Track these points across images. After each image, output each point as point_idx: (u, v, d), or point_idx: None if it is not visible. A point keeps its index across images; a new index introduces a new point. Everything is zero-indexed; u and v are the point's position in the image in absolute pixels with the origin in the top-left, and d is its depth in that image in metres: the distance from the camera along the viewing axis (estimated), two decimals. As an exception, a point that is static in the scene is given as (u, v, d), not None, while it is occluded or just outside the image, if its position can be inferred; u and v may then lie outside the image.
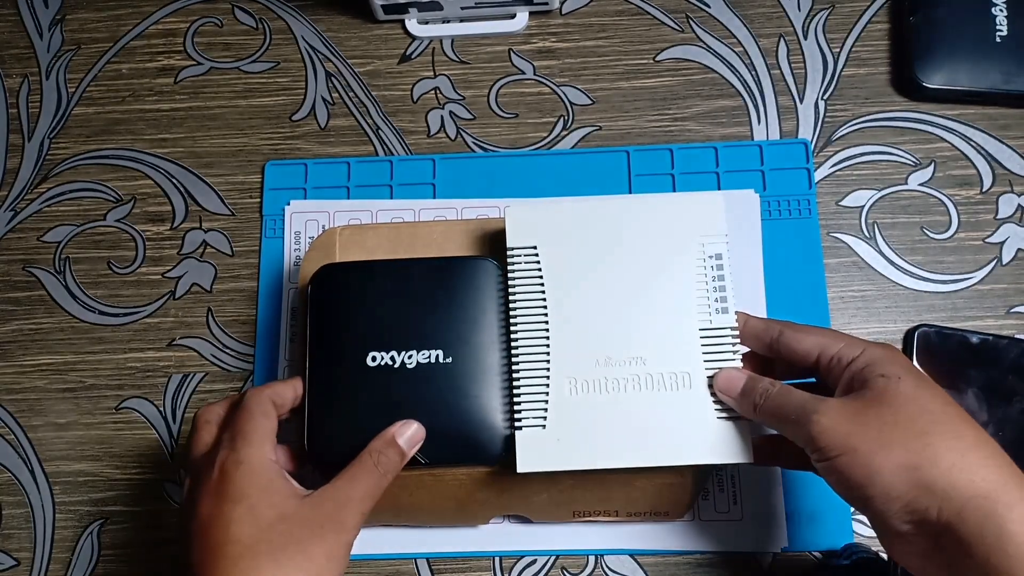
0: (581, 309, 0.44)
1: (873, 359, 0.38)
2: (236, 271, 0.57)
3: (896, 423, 0.35)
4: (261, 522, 0.38)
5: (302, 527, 0.38)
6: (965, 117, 0.57)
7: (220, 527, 0.38)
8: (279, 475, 0.40)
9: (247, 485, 0.38)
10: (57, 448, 0.54)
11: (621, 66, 0.59)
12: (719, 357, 0.43)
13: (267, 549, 0.37)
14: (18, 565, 0.52)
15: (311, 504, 0.39)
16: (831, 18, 0.59)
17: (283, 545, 0.37)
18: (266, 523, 0.38)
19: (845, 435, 0.36)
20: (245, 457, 0.39)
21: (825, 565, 0.49)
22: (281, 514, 0.38)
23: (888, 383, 0.36)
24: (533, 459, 0.43)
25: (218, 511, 0.38)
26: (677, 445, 0.42)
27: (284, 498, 0.39)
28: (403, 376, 0.44)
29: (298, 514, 0.38)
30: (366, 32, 0.61)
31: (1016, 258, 0.54)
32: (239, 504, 0.38)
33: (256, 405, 0.41)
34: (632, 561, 0.50)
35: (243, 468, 0.39)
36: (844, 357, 0.39)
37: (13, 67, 0.62)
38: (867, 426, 0.35)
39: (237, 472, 0.39)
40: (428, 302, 0.45)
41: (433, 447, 0.43)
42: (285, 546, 0.37)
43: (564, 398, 0.43)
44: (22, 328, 0.56)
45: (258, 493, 0.38)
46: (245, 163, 0.59)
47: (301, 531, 0.38)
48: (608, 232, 0.46)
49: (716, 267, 0.45)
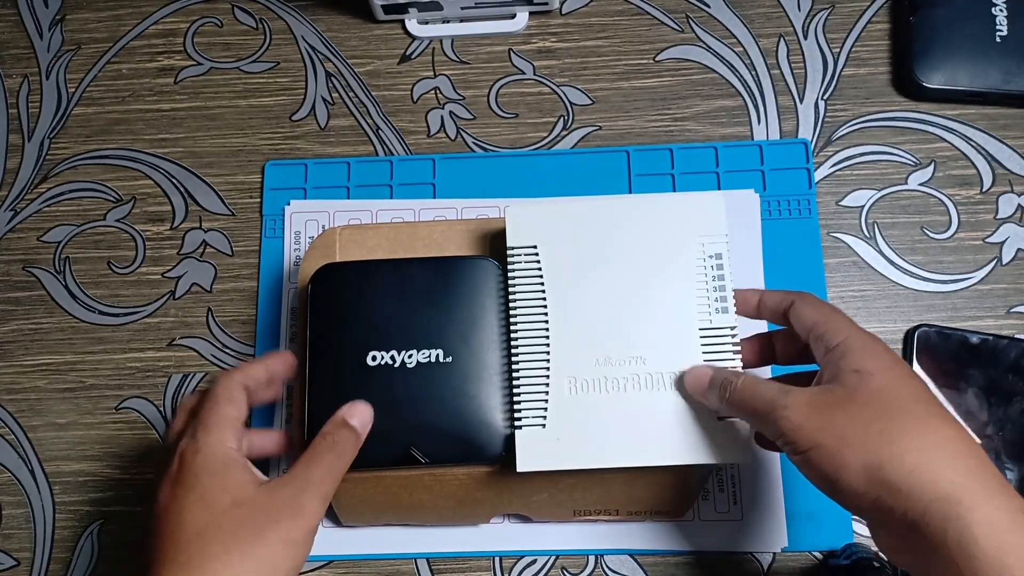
0: (581, 308, 0.44)
1: (850, 349, 0.37)
2: (236, 271, 0.57)
3: (861, 420, 0.35)
4: (214, 508, 0.37)
5: (257, 513, 0.37)
6: (965, 117, 0.57)
7: (173, 514, 0.37)
8: (236, 462, 0.39)
9: (201, 472, 0.38)
10: (57, 448, 0.54)
11: (621, 66, 0.59)
12: (719, 357, 0.43)
13: (217, 535, 0.36)
14: (18, 565, 0.52)
15: (267, 490, 0.38)
16: (831, 18, 0.59)
17: (234, 531, 0.37)
18: (219, 509, 0.37)
19: (813, 430, 0.35)
20: (202, 445, 0.39)
21: (825, 565, 0.49)
22: (235, 500, 0.38)
23: (860, 379, 0.36)
24: (533, 458, 0.43)
25: (172, 499, 0.38)
26: (676, 445, 0.42)
27: (239, 484, 0.38)
28: (403, 375, 0.44)
29: (254, 501, 0.38)
30: (366, 32, 0.61)
31: (1016, 258, 0.54)
32: (192, 491, 0.38)
33: (223, 391, 0.41)
34: (632, 561, 0.50)
35: (199, 456, 0.39)
36: (828, 341, 0.38)
37: (13, 67, 0.62)
38: (833, 422, 0.35)
39: (194, 460, 0.39)
40: (428, 302, 0.45)
41: (433, 447, 0.43)
42: (236, 532, 0.37)
43: (564, 397, 0.43)
44: (22, 328, 0.56)
45: (210, 479, 0.38)
46: (245, 163, 0.59)
47: (256, 517, 0.37)
48: (608, 232, 0.46)
49: (716, 267, 0.45)
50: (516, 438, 0.43)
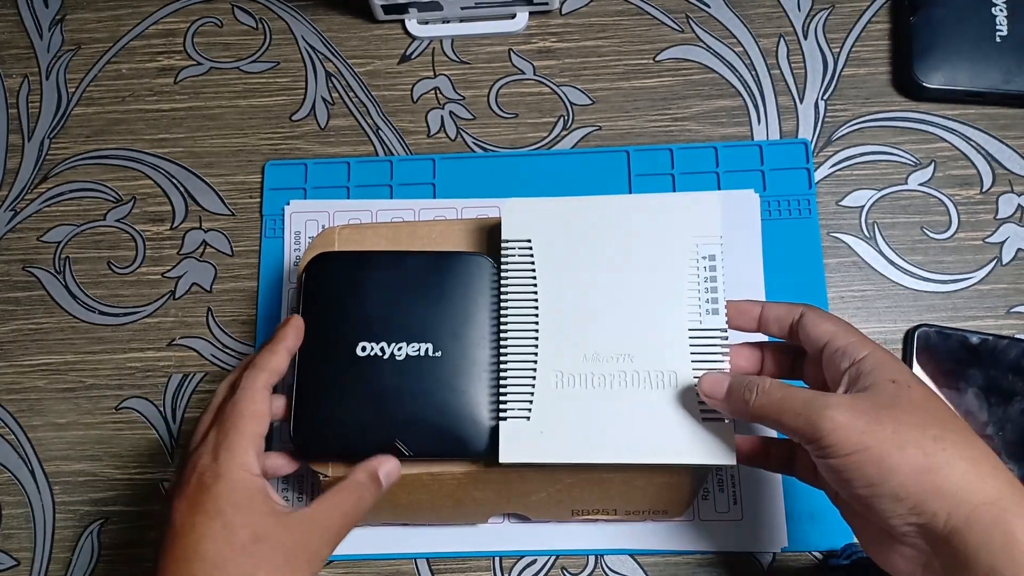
0: (572, 304, 0.44)
1: (882, 362, 0.38)
2: (236, 271, 0.57)
3: (912, 425, 0.35)
4: (234, 542, 0.37)
5: (276, 551, 0.37)
6: (965, 117, 0.57)
7: (191, 540, 0.37)
8: (259, 491, 0.38)
9: (223, 501, 0.37)
10: (57, 448, 0.54)
11: (621, 66, 0.59)
12: (707, 358, 0.43)
13: (236, 570, 0.36)
14: (18, 565, 0.52)
15: (287, 526, 0.38)
16: (831, 18, 0.59)
17: (252, 570, 0.36)
18: (239, 544, 0.37)
19: (861, 432, 0.35)
20: (225, 470, 0.38)
21: (825, 565, 0.49)
22: (255, 535, 0.37)
23: (899, 389, 0.36)
24: (515, 450, 0.43)
25: (191, 523, 0.37)
26: (660, 444, 0.42)
27: (261, 516, 0.38)
28: (392, 367, 0.44)
29: (273, 536, 0.37)
30: (366, 32, 0.61)
31: (1016, 258, 0.54)
32: (214, 520, 0.37)
33: (248, 403, 0.40)
34: (632, 561, 0.50)
35: (222, 483, 0.38)
36: (851, 354, 0.38)
37: (13, 67, 0.62)
38: (882, 425, 0.35)
39: (216, 485, 0.38)
40: (421, 295, 0.45)
41: (418, 439, 0.43)
42: (254, 571, 0.36)
43: (550, 391, 0.43)
44: (22, 328, 0.56)
45: (233, 510, 0.37)
46: (245, 163, 0.59)
47: (274, 555, 0.37)
48: (603, 229, 0.46)
49: (709, 268, 0.44)
50: (500, 429, 0.43)
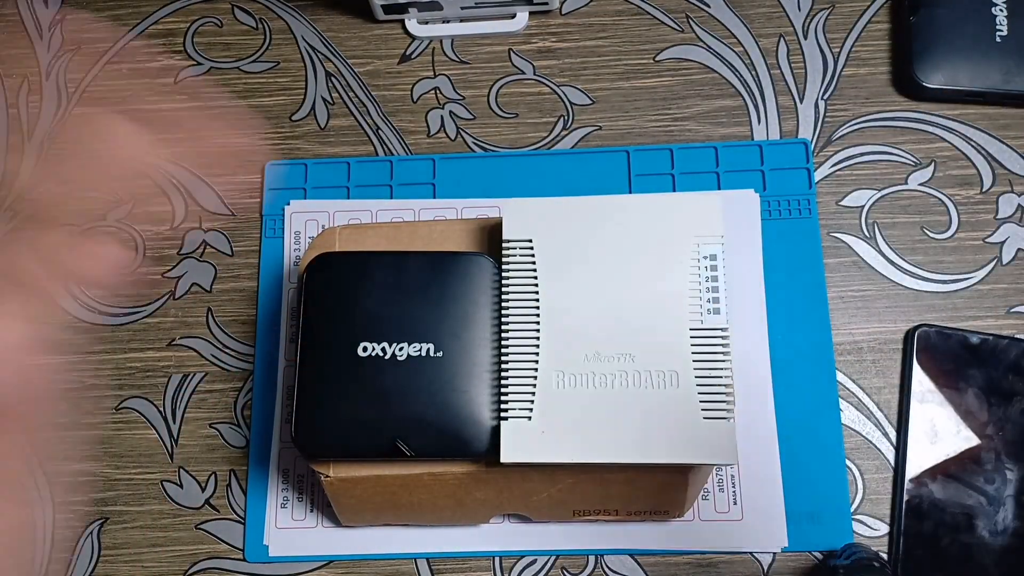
0: (573, 303, 0.44)
1: None
2: (236, 271, 0.57)
3: None
4: None
5: None
6: (965, 117, 0.57)
7: None
8: None
9: None
10: (57, 448, 0.54)
11: (621, 66, 0.59)
12: (708, 358, 0.43)
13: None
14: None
15: None
16: (831, 18, 0.59)
17: None
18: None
19: None
20: None
21: (825, 565, 0.49)
22: None
23: None
24: (517, 450, 0.43)
25: None
26: (661, 443, 0.42)
27: None
28: (393, 368, 0.44)
29: None
30: (366, 32, 0.61)
31: (1016, 258, 0.54)
32: None
33: None
34: (632, 561, 0.50)
35: None
36: None
37: (13, 67, 0.62)
38: None
39: None
40: (422, 296, 0.45)
41: (419, 439, 0.43)
42: None
43: (551, 390, 0.43)
44: (22, 328, 0.56)
45: None
46: (245, 163, 0.59)
47: None
48: (604, 229, 0.46)
49: (710, 267, 0.44)
50: (501, 429, 0.43)
